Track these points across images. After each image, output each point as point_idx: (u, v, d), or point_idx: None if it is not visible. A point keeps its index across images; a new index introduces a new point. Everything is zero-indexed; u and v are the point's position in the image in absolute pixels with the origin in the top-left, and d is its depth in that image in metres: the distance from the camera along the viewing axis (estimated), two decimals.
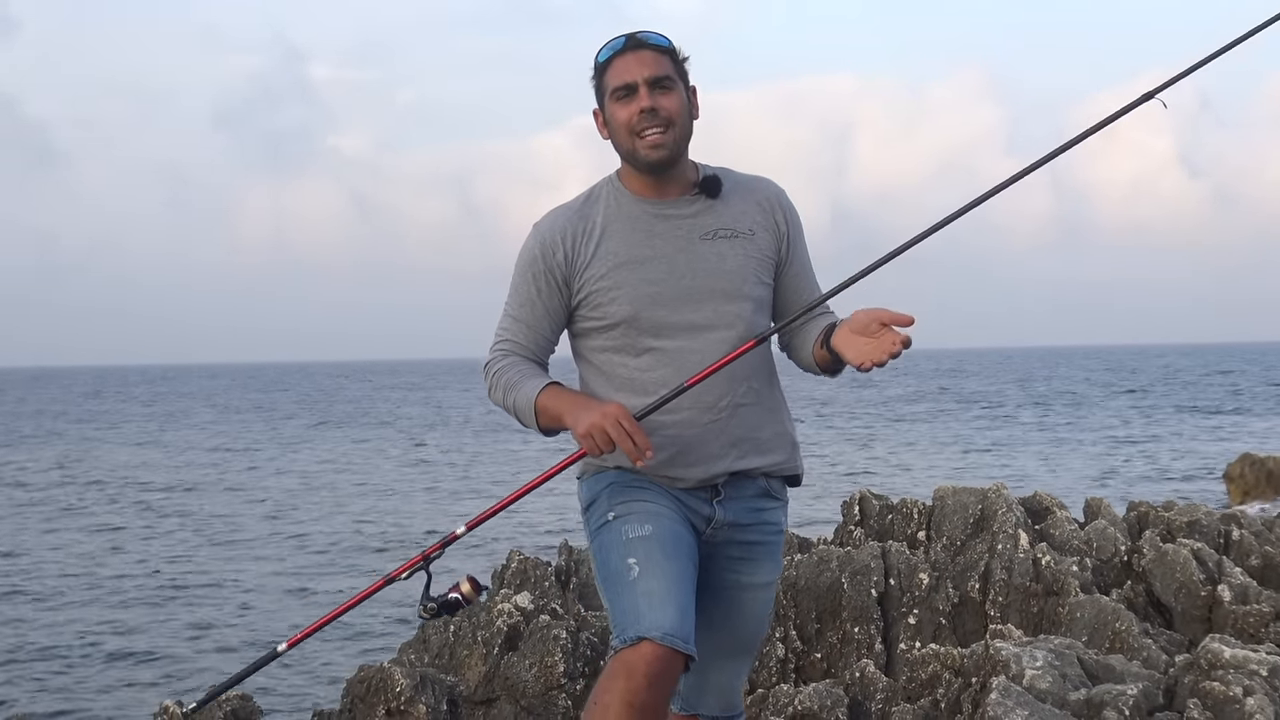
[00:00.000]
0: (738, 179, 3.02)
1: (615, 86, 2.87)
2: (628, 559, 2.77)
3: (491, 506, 2.88)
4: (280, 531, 21.24)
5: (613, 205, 2.94)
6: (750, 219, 2.98)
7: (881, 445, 35.39)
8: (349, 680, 5.32)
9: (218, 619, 14.42)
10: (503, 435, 40.65)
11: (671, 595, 2.71)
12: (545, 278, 2.91)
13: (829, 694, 4.80)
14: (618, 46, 2.89)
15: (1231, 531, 6.39)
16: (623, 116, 2.87)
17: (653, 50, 2.89)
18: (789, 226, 3.02)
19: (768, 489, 3.02)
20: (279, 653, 2.75)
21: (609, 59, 2.90)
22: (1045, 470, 28.10)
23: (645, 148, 2.86)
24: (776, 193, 3.05)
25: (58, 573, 17.66)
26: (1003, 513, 6.15)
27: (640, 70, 2.86)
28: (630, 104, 2.86)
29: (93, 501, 26.50)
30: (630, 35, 2.90)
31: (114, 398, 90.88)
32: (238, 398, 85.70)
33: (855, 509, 6.78)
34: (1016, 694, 4.22)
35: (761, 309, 2.98)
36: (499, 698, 5.45)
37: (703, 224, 2.94)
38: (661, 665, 2.64)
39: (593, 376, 2.99)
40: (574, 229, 2.92)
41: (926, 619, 5.87)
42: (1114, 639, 5.32)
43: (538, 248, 2.92)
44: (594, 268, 2.90)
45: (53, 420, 61.04)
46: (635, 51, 2.88)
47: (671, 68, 2.90)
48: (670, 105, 2.86)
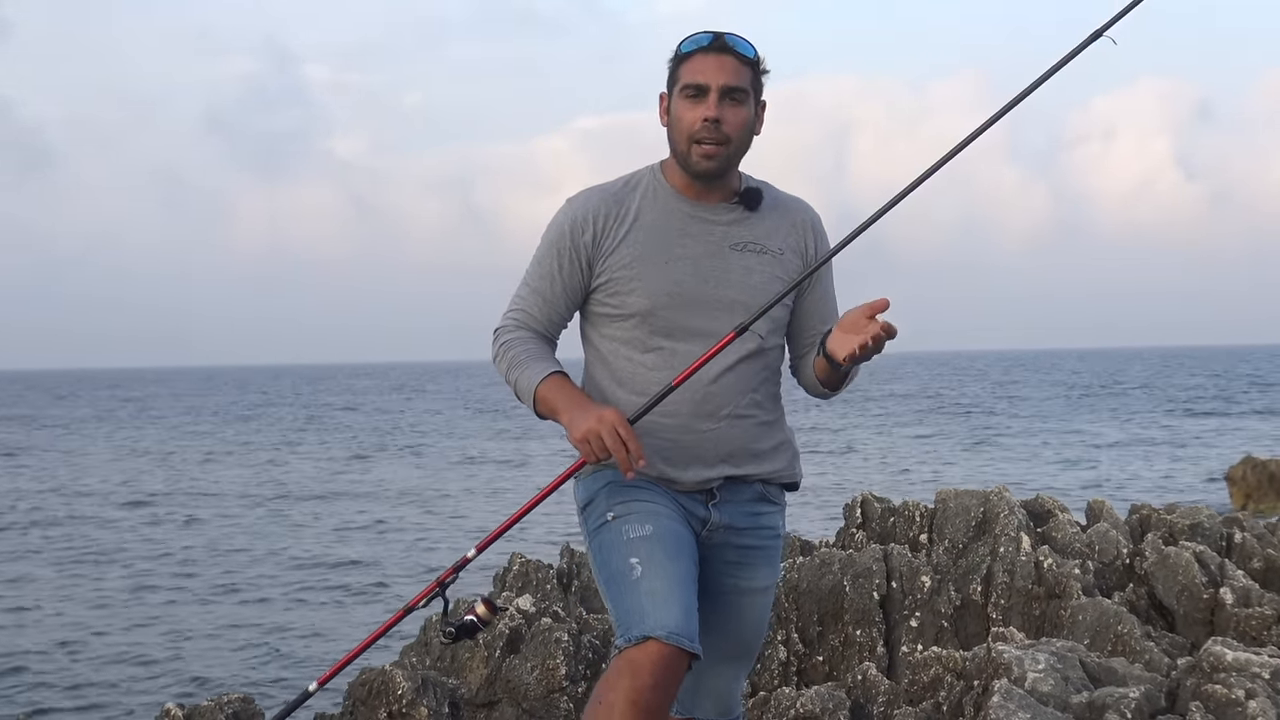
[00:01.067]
0: (777, 197, 3.00)
1: (687, 83, 2.83)
2: (630, 559, 2.76)
3: (499, 526, 2.88)
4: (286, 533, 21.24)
5: (650, 196, 2.91)
6: (782, 238, 2.95)
7: (880, 448, 35.38)
8: (350, 683, 5.31)
9: (223, 619, 14.41)
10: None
11: (675, 594, 2.70)
12: (570, 255, 2.88)
13: (831, 697, 4.79)
14: (703, 42, 2.84)
15: (1234, 534, 6.38)
16: (687, 118, 2.83)
17: (736, 58, 2.83)
18: (818, 252, 2.99)
19: (764, 494, 3.00)
20: (310, 693, 2.76)
21: (691, 52, 2.84)
22: (1046, 473, 28.09)
23: (699, 156, 2.83)
24: (812, 218, 3.03)
25: (62, 568, 17.67)
26: (1005, 515, 6.14)
27: (718, 76, 2.81)
28: (697, 107, 2.81)
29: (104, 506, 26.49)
30: (719, 34, 2.84)
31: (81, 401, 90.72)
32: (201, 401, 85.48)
33: (857, 511, 6.78)
34: (1019, 697, 4.21)
35: (777, 329, 2.96)
36: (500, 700, 5.44)
37: (736, 234, 2.91)
38: (667, 664, 2.63)
39: (597, 366, 2.97)
40: (607, 211, 2.88)
41: (928, 622, 5.86)
42: (1116, 642, 5.32)
43: (567, 223, 2.89)
44: (620, 254, 2.86)
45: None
46: (719, 54, 2.82)
47: (749, 80, 2.85)
48: (735, 120, 2.82)
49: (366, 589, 16.11)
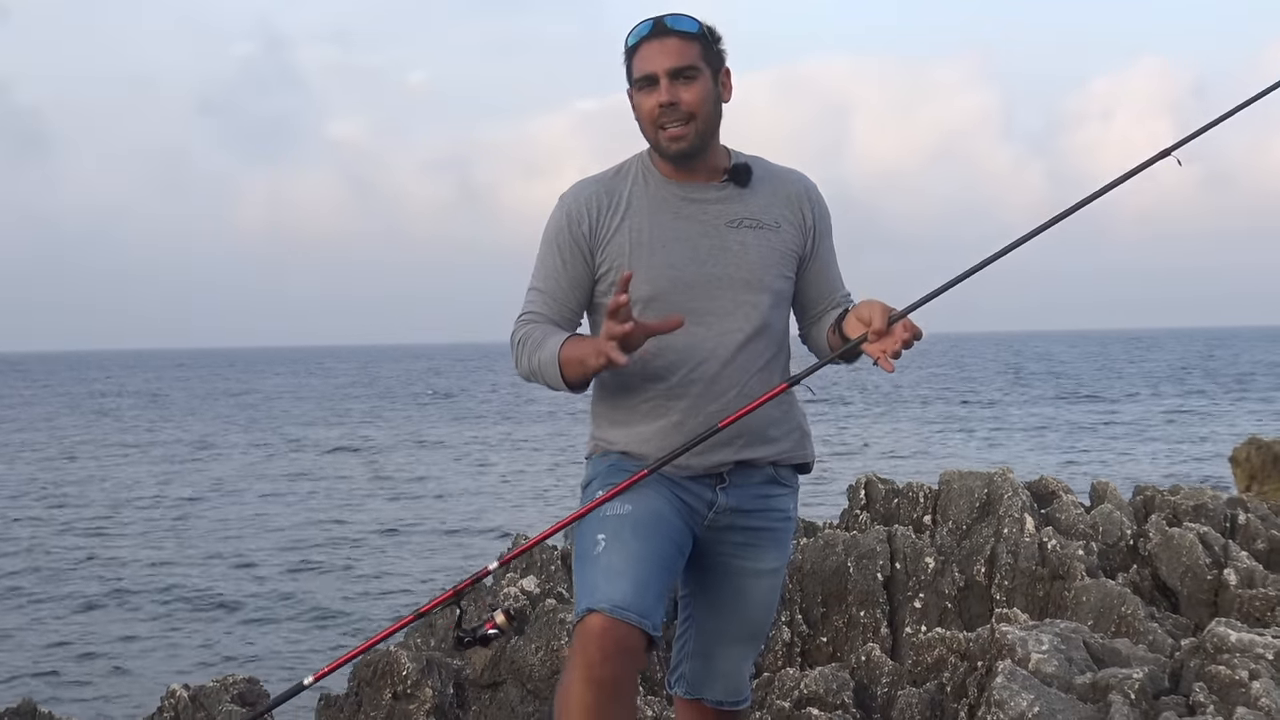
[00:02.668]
0: (769, 169, 2.98)
1: (638, 75, 2.83)
2: (598, 535, 2.76)
3: (522, 545, 2.89)
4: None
5: (641, 183, 2.91)
6: (777, 211, 2.94)
7: (887, 430, 35.37)
8: (355, 665, 5.32)
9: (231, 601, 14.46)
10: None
11: (629, 570, 2.68)
12: (570, 248, 2.88)
13: (835, 677, 4.80)
14: (644, 32, 2.84)
15: (1238, 515, 6.38)
16: (645, 107, 2.83)
17: (678, 37, 2.82)
18: (816, 221, 2.98)
19: (775, 476, 2.99)
20: (304, 686, 2.76)
21: (636, 44, 2.84)
22: (1050, 454, 28.07)
23: (667, 140, 2.82)
24: (808, 187, 3.01)
25: (66, 555, 17.71)
26: (1008, 497, 6.15)
27: (662, 61, 2.80)
28: (652, 95, 2.81)
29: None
30: (657, 20, 2.83)
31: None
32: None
33: (861, 493, 6.78)
34: (1022, 677, 4.22)
35: (780, 303, 2.95)
36: (505, 681, 5.45)
37: (729, 211, 2.90)
38: (613, 638, 2.60)
39: None
40: (600, 201, 2.88)
41: (932, 603, 5.87)
42: (1120, 623, 5.32)
43: (564, 218, 2.89)
44: (616, 242, 2.86)
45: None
46: (660, 39, 2.81)
47: (698, 54, 2.82)
48: (691, 97, 2.80)
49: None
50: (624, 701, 2.63)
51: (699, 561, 2.97)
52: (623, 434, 2.91)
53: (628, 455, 2.90)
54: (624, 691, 2.64)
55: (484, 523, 19.37)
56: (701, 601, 3.05)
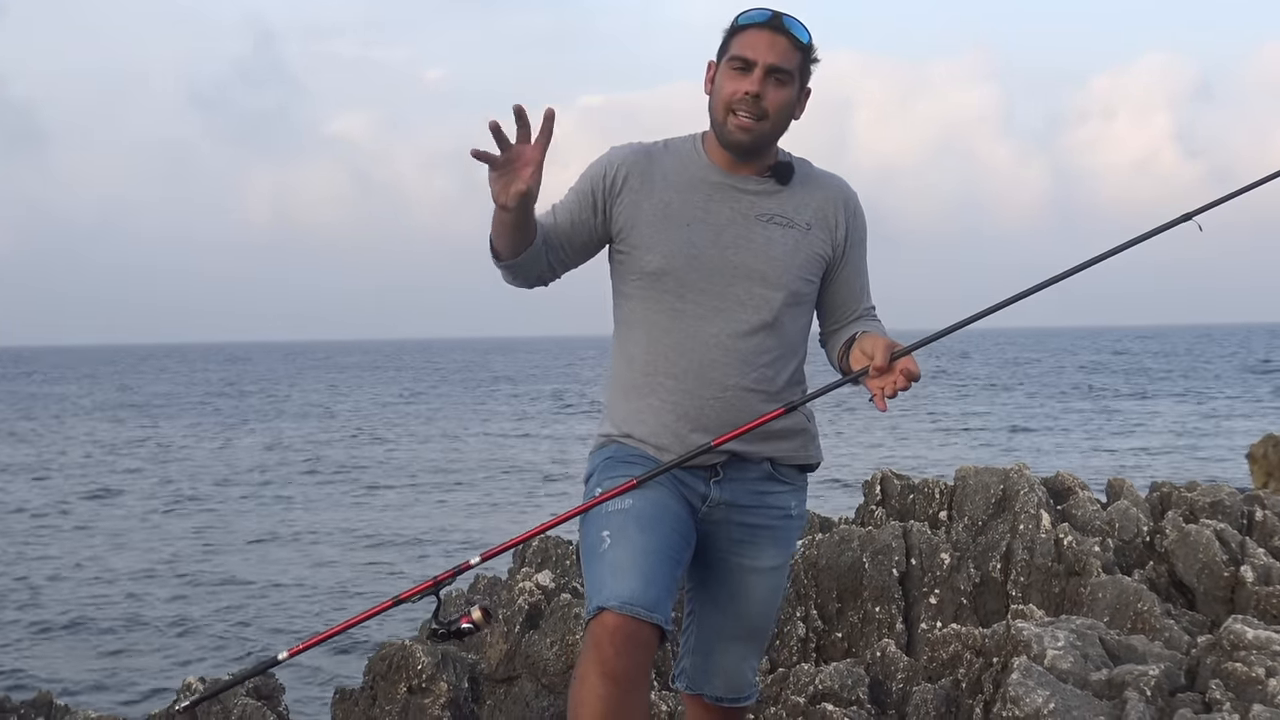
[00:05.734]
0: (811, 172, 3.00)
1: (736, 55, 2.83)
2: (602, 532, 2.77)
3: (507, 541, 2.87)
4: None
5: (684, 160, 2.94)
6: (810, 213, 2.95)
7: (899, 426, 35.31)
8: (370, 658, 5.34)
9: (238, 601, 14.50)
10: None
11: (636, 565, 2.70)
12: (592, 195, 2.91)
13: (850, 673, 4.79)
14: (759, 18, 2.84)
15: (1255, 512, 6.35)
16: (728, 88, 2.84)
17: (789, 40, 2.84)
18: (849, 230, 2.99)
19: (773, 473, 2.98)
20: (279, 660, 2.76)
21: (745, 26, 2.85)
22: (1067, 450, 28.00)
23: (734, 126, 2.84)
24: (847, 195, 3.01)
25: (77, 548, 17.79)
26: (1024, 493, 6.13)
27: (768, 54, 2.81)
28: (741, 80, 2.82)
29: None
30: (778, 13, 2.85)
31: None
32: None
33: (876, 488, 6.77)
34: (1038, 674, 4.21)
35: (797, 303, 2.94)
36: (520, 676, 5.47)
37: (762, 205, 2.91)
38: (624, 634, 2.62)
39: (619, 327, 2.99)
40: (639, 167, 2.92)
41: (948, 599, 5.86)
42: (1136, 619, 5.31)
43: (601, 166, 2.93)
44: (642, 210, 2.89)
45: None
46: (773, 33, 2.83)
47: (797, 64, 2.85)
48: (776, 100, 2.83)
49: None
50: (637, 695, 2.65)
51: (700, 557, 2.97)
52: (623, 411, 2.95)
53: (628, 438, 2.92)
54: (637, 685, 2.65)
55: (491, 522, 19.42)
56: (702, 597, 3.06)
